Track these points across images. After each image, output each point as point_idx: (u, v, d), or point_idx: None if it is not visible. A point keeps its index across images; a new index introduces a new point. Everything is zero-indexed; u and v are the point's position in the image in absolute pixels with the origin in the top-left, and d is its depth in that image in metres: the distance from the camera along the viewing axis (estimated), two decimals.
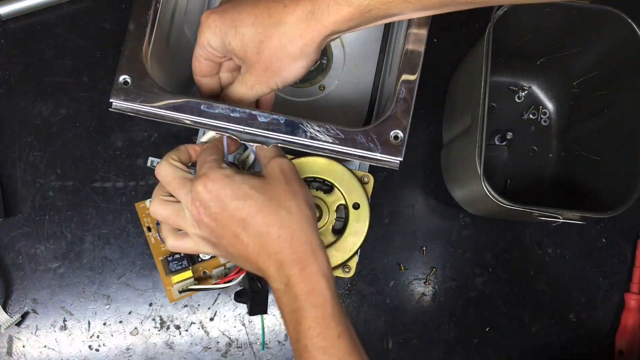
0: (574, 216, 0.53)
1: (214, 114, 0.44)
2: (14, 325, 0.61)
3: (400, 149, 0.45)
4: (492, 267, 0.67)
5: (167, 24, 0.49)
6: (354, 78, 0.58)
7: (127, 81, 0.44)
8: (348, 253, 0.51)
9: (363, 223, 0.51)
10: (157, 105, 0.44)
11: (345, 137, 0.44)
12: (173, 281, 0.53)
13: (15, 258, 0.62)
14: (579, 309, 0.67)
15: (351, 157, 0.45)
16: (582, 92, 0.66)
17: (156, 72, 0.46)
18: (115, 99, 0.45)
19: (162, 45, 0.48)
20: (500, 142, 0.67)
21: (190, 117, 0.44)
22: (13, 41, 0.65)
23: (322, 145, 0.44)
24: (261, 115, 0.44)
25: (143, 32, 0.45)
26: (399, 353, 0.65)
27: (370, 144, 0.45)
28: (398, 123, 0.45)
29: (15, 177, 0.63)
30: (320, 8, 0.39)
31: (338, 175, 0.51)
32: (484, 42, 0.53)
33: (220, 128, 0.45)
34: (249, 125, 0.44)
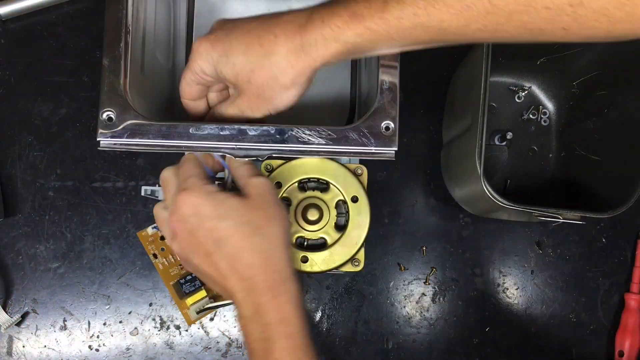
0: (574, 216, 0.53)
1: (204, 135, 0.44)
2: (14, 325, 0.61)
3: (393, 139, 0.45)
4: (492, 267, 0.67)
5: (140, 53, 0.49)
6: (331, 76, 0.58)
7: (110, 117, 0.44)
8: (355, 247, 0.51)
9: (364, 215, 0.51)
10: (146, 136, 0.44)
11: (337, 137, 0.44)
12: (188, 303, 0.53)
13: (15, 258, 0.62)
14: (579, 309, 0.67)
15: (346, 154, 0.45)
16: (582, 92, 0.66)
17: (136, 102, 0.45)
18: (102, 137, 0.44)
19: (137, 74, 0.48)
20: (500, 142, 0.67)
21: (180, 142, 0.44)
22: (13, 41, 0.65)
23: (316, 148, 0.44)
24: (251, 128, 0.44)
25: (118, 65, 0.45)
26: (399, 353, 0.65)
27: (363, 139, 0.45)
28: (387, 114, 0.45)
29: (15, 177, 0.63)
30: (309, 42, 0.40)
31: (332, 172, 0.51)
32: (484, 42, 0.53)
33: (212, 148, 0.44)
34: (240, 141, 0.44)
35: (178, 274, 0.55)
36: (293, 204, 0.51)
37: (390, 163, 0.67)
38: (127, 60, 0.45)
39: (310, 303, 0.65)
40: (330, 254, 0.51)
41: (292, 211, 0.52)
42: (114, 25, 0.45)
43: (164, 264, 0.56)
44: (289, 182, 0.51)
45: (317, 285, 0.65)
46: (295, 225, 0.51)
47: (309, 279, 0.65)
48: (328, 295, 0.65)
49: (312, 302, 0.65)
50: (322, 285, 0.65)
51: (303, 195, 0.52)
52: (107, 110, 0.44)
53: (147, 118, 0.44)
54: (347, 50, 0.40)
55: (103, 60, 0.45)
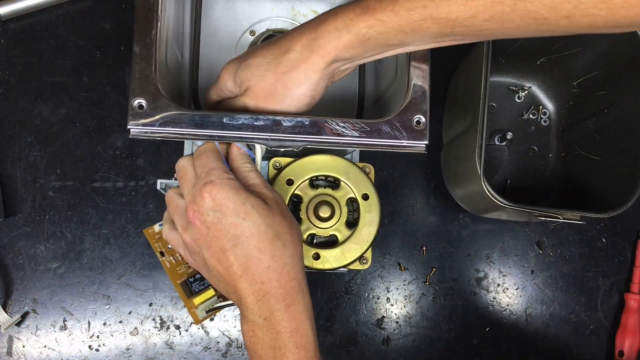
0: (574, 216, 0.53)
1: (238, 125, 0.44)
2: (14, 325, 0.61)
3: (424, 132, 0.46)
4: (492, 267, 0.67)
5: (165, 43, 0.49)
6: None
7: (142, 105, 0.43)
8: (365, 244, 0.51)
9: (375, 213, 0.51)
10: (178, 125, 0.43)
11: (370, 129, 0.45)
12: (196, 302, 0.52)
13: (15, 258, 0.62)
14: (579, 309, 0.67)
15: (379, 147, 0.45)
16: (582, 92, 0.66)
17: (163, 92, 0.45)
18: (133, 125, 0.43)
19: (162, 65, 0.48)
20: (500, 142, 0.67)
21: (214, 131, 0.43)
22: (13, 41, 0.65)
23: (350, 140, 0.44)
24: (285, 119, 0.44)
25: (150, 52, 0.44)
26: (399, 353, 0.65)
27: (395, 132, 0.45)
28: (418, 108, 0.46)
29: (15, 177, 0.63)
30: (323, 34, 0.41)
31: (342, 169, 0.52)
32: (484, 42, 0.53)
33: (246, 138, 0.44)
34: (274, 132, 0.44)
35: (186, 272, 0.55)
36: (304, 201, 0.52)
37: (391, 163, 0.67)
38: (158, 48, 0.45)
39: None
40: (342, 251, 0.51)
41: (303, 208, 0.52)
42: (146, 12, 0.45)
43: (171, 262, 0.55)
44: (300, 180, 0.51)
45: (317, 286, 0.65)
46: (307, 222, 0.51)
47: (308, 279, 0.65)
48: (328, 295, 0.65)
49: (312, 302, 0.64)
50: (322, 286, 0.65)
51: (314, 193, 0.52)
52: (138, 98, 0.43)
53: (179, 107, 0.44)
54: (359, 42, 0.40)
55: (134, 47, 0.44)
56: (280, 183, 0.51)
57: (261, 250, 0.40)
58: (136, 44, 0.44)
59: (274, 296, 0.39)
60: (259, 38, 0.57)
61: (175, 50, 0.53)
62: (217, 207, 0.40)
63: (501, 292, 0.66)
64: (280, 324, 0.39)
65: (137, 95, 0.44)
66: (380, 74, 0.57)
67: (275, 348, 0.39)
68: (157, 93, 0.44)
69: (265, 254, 0.40)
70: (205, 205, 0.40)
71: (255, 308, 0.40)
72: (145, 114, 0.43)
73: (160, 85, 0.45)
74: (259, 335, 0.40)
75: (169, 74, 0.51)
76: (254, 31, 0.59)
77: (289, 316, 0.39)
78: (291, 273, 0.41)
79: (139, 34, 0.45)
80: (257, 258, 0.40)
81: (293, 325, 0.39)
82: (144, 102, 0.43)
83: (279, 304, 0.39)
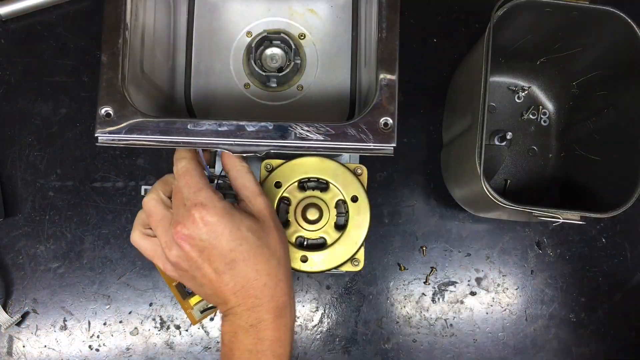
0: (574, 216, 0.53)
1: (201, 131, 0.44)
2: (14, 325, 0.61)
3: (392, 135, 0.45)
4: (492, 267, 0.67)
5: (139, 50, 0.49)
6: (331, 73, 0.59)
7: (109, 113, 0.44)
8: (354, 246, 0.51)
9: (364, 215, 0.51)
10: (144, 132, 0.44)
11: (336, 133, 0.44)
12: (192, 303, 0.53)
13: (15, 258, 0.62)
14: (579, 309, 0.67)
15: (345, 150, 0.45)
16: (582, 92, 0.66)
17: (135, 99, 0.46)
18: (100, 132, 0.44)
19: (136, 71, 0.48)
20: (500, 142, 0.67)
21: (179, 137, 0.44)
22: (13, 41, 0.65)
23: (314, 144, 0.44)
24: (249, 124, 0.44)
25: (116, 62, 0.45)
26: (399, 353, 0.65)
27: (361, 135, 0.45)
28: (385, 110, 0.45)
29: (15, 177, 0.63)
30: None
31: (331, 171, 0.51)
32: (484, 42, 0.53)
33: (210, 144, 0.44)
34: (238, 137, 0.44)
35: None
36: (293, 204, 0.51)
37: (391, 163, 0.67)
38: (125, 57, 0.45)
39: (310, 303, 0.65)
40: (330, 253, 0.51)
41: (291, 211, 0.51)
42: (113, 22, 0.45)
43: None
44: (288, 182, 0.51)
45: (317, 285, 0.65)
46: (295, 224, 0.51)
47: (308, 278, 0.65)
48: (328, 295, 0.65)
49: (312, 302, 0.65)
50: (322, 285, 0.65)
51: (303, 195, 0.52)
52: (105, 107, 0.44)
53: (145, 114, 0.44)
54: None
55: (101, 56, 0.45)
56: (269, 186, 0.51)
57: (258, 271, 0.41)
58: (103, 53, 0.45)
59: (265, 308, 0.41)
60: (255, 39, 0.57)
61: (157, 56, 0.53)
62: (210, 232, 0.40)
63: (501, 292, 0.66)
64: (265, 332, 0.41)
65: (104, 103, 0.44)
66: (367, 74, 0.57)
67: (252, 351, 0.40)
68: (123, 101, 0.44)
69: (262, 274, 0.41)
70: (196, 230, 0.40)
71: (243, 316, 0.41)
72: (112, 121, 0.44)
73: (133, 94, 0.45)
74: (240, 337, 0.41)
75: (149, 81, 0.51)
76: (250, 32, 0.58)
77: (275, 326, 0.41)
78: (284, 289, 0.42)
79: (106, 43, 0.45)
80: (254, 278, 0.41)
81: (276, 334, 0.41)
82: (110, 110, 0.44)
83: (268, 315, 0.41)
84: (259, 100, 0.58)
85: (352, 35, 0.58)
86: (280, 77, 0.57)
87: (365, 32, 0.55)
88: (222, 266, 0.40)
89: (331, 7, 0.59)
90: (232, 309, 0.41)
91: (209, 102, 0.58)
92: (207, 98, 0.58)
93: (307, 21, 0.59)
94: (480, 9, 0.70)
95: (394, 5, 0.47)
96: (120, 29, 0.45)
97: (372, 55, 0.48)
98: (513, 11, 0.55)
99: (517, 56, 0.65)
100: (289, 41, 0.56)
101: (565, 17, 0.57)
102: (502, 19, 0.55)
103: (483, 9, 0.70)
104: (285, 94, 0.58)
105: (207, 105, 0.57)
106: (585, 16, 0.56)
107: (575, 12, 0.56)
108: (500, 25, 0.55)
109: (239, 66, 0.58)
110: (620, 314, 0.67)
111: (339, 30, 0.59)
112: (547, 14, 0.56)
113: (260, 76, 0.57)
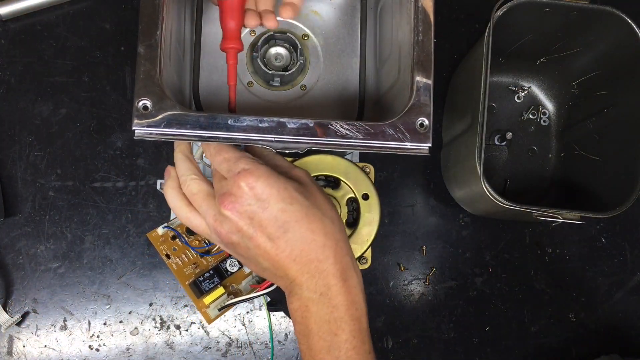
0: (574, 216, 0.53)
1: (242, 127, 0.43)
2: (14, 325, 0.61)
3: (428, 135, 0.46)
4: (491, 267, 0.67)
5: (169, 43, 0.49)
6: (334, 74, 0.59)
7: (147, 106, 0.43)
8: (365, 244, 0.51)
9: (375, 212, 0.51)
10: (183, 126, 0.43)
11: (374, 132, 0.45)
12: (207, 302, 0.52)
13: (15, 258, 0.62)
14: (579, 309, 0.67)
15: (382, 149, 0.45)
16: (582, 92, 0.66)
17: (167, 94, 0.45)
18: (137, 125, 0.43)
19: (167, 66, 0.48)
20: (500, 142, 0.67)
21: (219, 133, 0.43)
22: (13, 41, 0.65)
23: (354, 142, 0.44)
24: (290, 121, 0.44)
25: (154, 53, 0.44)
26: (399, 353, 0.65)
27: (399, 135, 0.45)
28: (422, 111, 0.46)
29: (15, 177, 0.63)
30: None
31: (343, 169, 0.52)
32: (484, 42, 0.53)
33: (251, 140, 0.44)
34: (279, 134, 0.43)
35: (193, 273, 0.54)
36: None
37: (391, 163, 0.67)
38: (162, 49, 0.45)
39: None
40: None
41: None
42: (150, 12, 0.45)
43: (177, 263, 0.55)
44: None
45: None
46: None
47: None
48: None
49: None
50: None
51: None
52: (143, 99, 0.43)
53: (184, 109, 0.44)
54: None
55: (138, 47, 0.44)
56: None
57: (314, 231, 0.39)
58: (141, 44, 0.44)
59: (331, 272, 0.39)
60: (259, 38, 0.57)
61: (178, 51, 0.53)
62: (258, 195, 0.39)
63: (501, 292, 0.66)
64: (337, 298, 0.39)
65: (141, 95, 0.43)
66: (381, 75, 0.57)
67: (330, 321, 0.39)
68: (161, 94, 0.44)
69: (319, 234, 0.39)
70: (244, 195, 0.39)
71: (311, 285, 0.39)
72: (149, 114, 0.43)
73: (165, 87, 0.45)
74: (312, 310, 0.39)
75: (172, 75, 0.51)
76: (254, 31, 0.59)
77: (345, 290, 0.39)
78: (344, 249, 0.40)
79: (144, 34, 0.44)
80: (311, 239, 0.39)
81: (349, 298, 0.40)
82: (148, 103, 0.43)
83: (335, 279, 0.39)
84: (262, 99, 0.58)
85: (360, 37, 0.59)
86: (284, 77, 0.57)
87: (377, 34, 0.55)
88: (275, 230, 0.39)
89: (334, 10, 0.59)
90: (295, 280, 0.40)
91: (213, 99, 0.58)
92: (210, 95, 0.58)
93: (310, 22, 0.59)
94: (480, 9, 0.70)
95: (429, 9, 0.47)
96: (159, 20, 0.45)
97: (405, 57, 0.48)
98: (513, 11, 0.55)
99: (517, 56, 0.65)
100: (295, 41, 0.57)
101: (565, 17, 0.57)
102: (502, 19, 0.55)
103: (483, 9, 0.70)
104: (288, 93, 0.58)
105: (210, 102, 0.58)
106: (585, 16, 0.56)
107: (575, 12, 0.56)
108: (500, 25, 0.55)
109: (242, 64, 0.58)
110: (620, 314, 0.67)
111: (342, 32, 0.59)
112: (547, 14, 0.56)
113: (264, 74, 0.57)
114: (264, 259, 0.40)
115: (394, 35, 0.54)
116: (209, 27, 0.59)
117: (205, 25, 0.59)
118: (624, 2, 0.57)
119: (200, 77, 0.58)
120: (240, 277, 0.53)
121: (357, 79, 0.59)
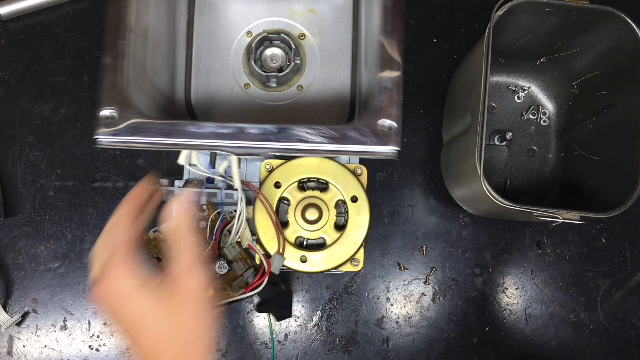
0: (574, 216, 0.53)
1: (203, 133, 0.44)
2: (14, 325, 0.61)
3: (395, 137, 0.44)
4: (492, 267, 0.67)
5: (142, 51, 0.49)
6: (331, 74, 0.59)
7: (109, 115, 0.43)
8: (354, 247, 0.51)
9: (364, 215, 0.51)
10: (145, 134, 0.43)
11: (338, 135, 0.44)
12: None
13: (15, 258, 0.62)
14: (579, 309, 0.67)
15: (347, 153, 0.45)
16: (582, 92, 0.66)
17: (139, 101, 0.45)
18: (101, 135, 0.43)
19: (139, 73, 0.48)
20: (500, 142, 0.67)
21: (181, 140, 0.44)
22: (13, 41, 0.65)
23: (316, 147, 0.44)
24: (251, 127, 0.44)
25: (119, 63, 0.45)
26: (399, 353, 0.65)
27: (364, 138, 0.44)
28: (388, 113, 0.45)
29: (15, 177, 0.63)
30: None
31: (331, 171, 0.51)
32: (484, 42, 0.53)
33: (212, 146, 0.44)
34: (240, 139, 0.44)
35: None
36: (292, 204, 0.51)
37: (390, 163, 0.67)
38: (128, 59, 0.45)
39: (310, 303, 0.65)
40: (329, 253, 0.51)
41: (291, 211, 0.51)
42: (115, 23, 0.45)
43: None
44: (288, 182, 0.51)
45: (317, 285, 0.65)
46: (295, 225, 0.51)
47: (308, 278, 0.65)
48: (328, 295, 0.65)
49: (312, 302, 0.65)
50: (321, 285, 0.65)
51: (302, 195, 0.52)
52: (107, 108, 0.44)
53: (147, 116, 0.44)
54: None
55: (103, 58, 0.45)
56: (268, 186, 0.51)
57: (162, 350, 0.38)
58: (105, 55, 0.45)
59: None
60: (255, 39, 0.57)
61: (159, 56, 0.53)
62: (121, 295, 0.38)
63: (501, 292, 0.67)
64: None
65: (105, 104, 0.44)
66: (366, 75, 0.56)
67: None
68: (125, 103, 0.44)
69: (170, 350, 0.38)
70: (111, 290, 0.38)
71: None
72: (113, 123, 0.44)
73: (136, 96, 0.45)
74: None
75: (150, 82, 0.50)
76: (250, 32, 0.58)
77: None
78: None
79: (108, 45, 0.45)
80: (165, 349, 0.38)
81: None
82: (112, 112, 0.44)
83: None
84: (259, 100, 0.58)
85: (352, 36, 0.58)
86: (280, 77, 0.57)
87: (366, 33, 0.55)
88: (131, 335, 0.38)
89: (331, 8, 0.59)
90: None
91: (209, 102, 0.58)
92: (206, 98, 0.58)
93: (307, 21, 0.59)
94: (480, 9, 0.70)
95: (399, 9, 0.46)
96: (124, 30, 0.45)
97: (374, 57, 0.48)
98: (513, 11, 0.55)
99: (517, 56, 0.65)
100: (289, 41, 0.56)
101: (565, 17, 0.57)
102: (502, 19, 0.55)
103: (483, 9, 0.70)
104: (285, 94, 0.58)
105: (207, 105, 0.58)
106: (585, 16, 0.56)
107: (575, 12, 0.56)
108: (500, 25, 0.55)
109: (238, 66, 0.58)
110: (620, 314, 0.67)
111: (339, 31, 0.59)
112: (547, 14, 0.56)
113: (260, 76, 0.57)
114: None
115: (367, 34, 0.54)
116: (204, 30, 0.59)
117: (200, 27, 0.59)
118: (624, 2, 0.57)
119: (198, 81, 0.58)
120: (230, 278, 0.54)
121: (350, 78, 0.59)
